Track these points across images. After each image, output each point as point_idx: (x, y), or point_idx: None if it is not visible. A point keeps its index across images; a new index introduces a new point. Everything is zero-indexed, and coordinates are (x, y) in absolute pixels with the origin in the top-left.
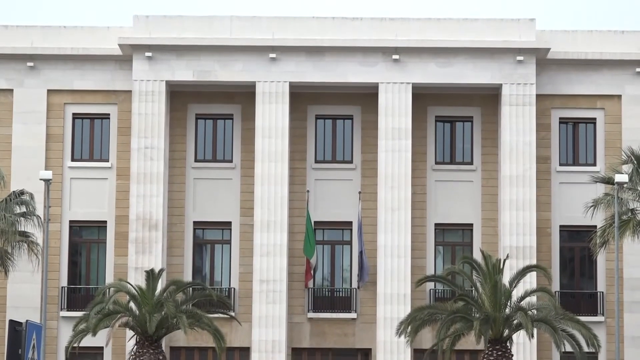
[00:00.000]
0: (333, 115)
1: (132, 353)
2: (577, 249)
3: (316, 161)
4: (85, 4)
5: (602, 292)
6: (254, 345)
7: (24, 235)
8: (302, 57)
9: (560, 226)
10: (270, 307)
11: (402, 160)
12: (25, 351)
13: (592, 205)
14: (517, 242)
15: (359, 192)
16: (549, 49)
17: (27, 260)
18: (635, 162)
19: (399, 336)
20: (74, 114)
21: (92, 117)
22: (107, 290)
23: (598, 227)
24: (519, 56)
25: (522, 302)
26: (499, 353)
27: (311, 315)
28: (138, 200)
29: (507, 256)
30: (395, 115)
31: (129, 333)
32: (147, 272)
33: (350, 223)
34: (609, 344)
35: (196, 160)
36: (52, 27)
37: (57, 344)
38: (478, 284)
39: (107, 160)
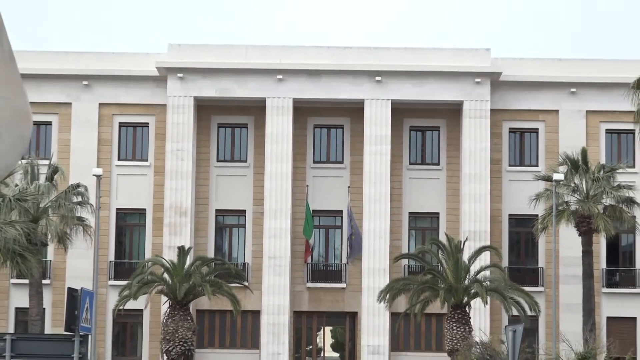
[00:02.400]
0: (328, 124)
1: (166, 315)
2: (523, 233)
3: (314, 162)
4: (129, 34)
5: (542, 268)
6: (263, 308)
7: (80, 219)
8: (303, 78)
9: (509, 215)
10: (277, 278)
11: (382, 161)
12: (80, 312)
13: (534, 198)
14: (474, 227)
15: (348, 187)
16: (500, 73)
17: (82, 239)
18: (569, 164)
19: (380, 302)
20: (120, 122)
21: (134, 125)
22: (146, 264)
23: (539, 215)
24: (476, 79)
25: (478, 275)
26: (460, 316)
27: (309, 285)
28: (171, 192)
29: (466, 239)
30: (377, 125)
31: (163, 298)
32: (178, 249)
33: (341, 211)
34: (547, 309)
35: (217, 161)
36: (103, 53)
37: (105, 307)
38: (443, 261)
39: (147, 160)
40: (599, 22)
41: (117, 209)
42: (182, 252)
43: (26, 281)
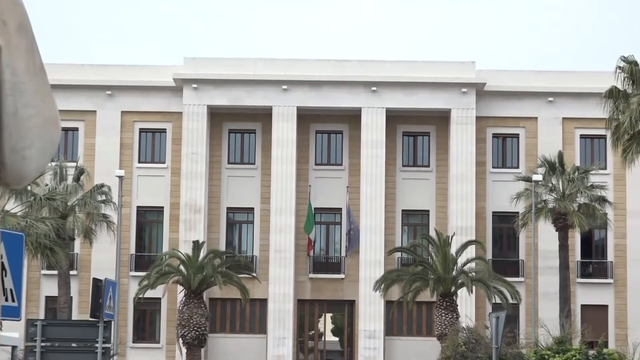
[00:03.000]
0: (328, 130)
1: (181, 303)
2: (505, 229)
3: (315, 164)
4: (148, 47)
5: (523, 260)
6: (270, 297)
7: (104, 216)
8: (306, 88)
9: (493, 212)
10: (282, 269)
11: (378, 163)
12: (104, 301)
13: (515, 197)
14: (461, 223)
15: (347, 187)
16: (484, 84)
17: (105, 234)
18: (547, 166)
19: (375, 291)
20: (140, 128)
21: (153, 131)
22: (164, 256)
23: (520, 213)
24: (463, 89)
25: (464, 267)
26: (448, 304)
27: (312, 275)
28: (186, 191)
29: (454, 234)
30: (373, 131)
31: (179, 288)
32: (192, 243)
33: (340, 209)
34: (527, 297)
35: (228, 163)
36: (124, 65)
37: (127, 295)
38: (432, 254)
39: (164, 163)
40: (574, 36)
41: (138, 206)
42: (196, 246)
43: (55, 272)
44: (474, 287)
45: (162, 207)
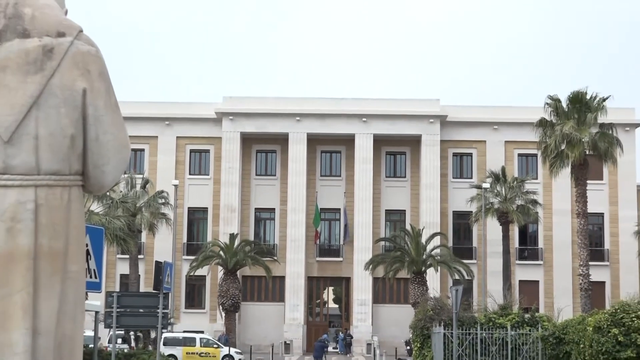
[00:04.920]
0: (330, 150)
1: (221, 279)
2: (462, 224)
3: (320, 175)
4: (195, 88)
5: (475, 247)
6: (286, 274)
7: (163, 215)
8: (314, 119)
9: (453, 211)
10: (296, 254)
11: (367, 175)
12: (163, 277)
13: (470, 200)
14: (429, 219)
15: (344, 192)
16: (447, 116)
17: (165, 228)
18: (493, 177)
19: (365, 270)
20: (190, 149)
21: (200, 151)
22: (208, 244)
23: (473, 212)
24: (430, 120)
25: (431, 252)
26: (419, 280)
27: (318, 258)
28: (224, 196)
29: (424, 227)
30: (363, 151)
31: (219, 268)
32: (230, 235)
33: (339, 209)
34: (478, 275)
35: (256, 175)
36: (179, 102)
37: (181, 273)
38: (408, 242)
39: (208, 175)
40: (514, 78)
41: (188, 207)
42: (232, 236)
43: (127, 256)
44: (439, 267)
45: (207, 208)
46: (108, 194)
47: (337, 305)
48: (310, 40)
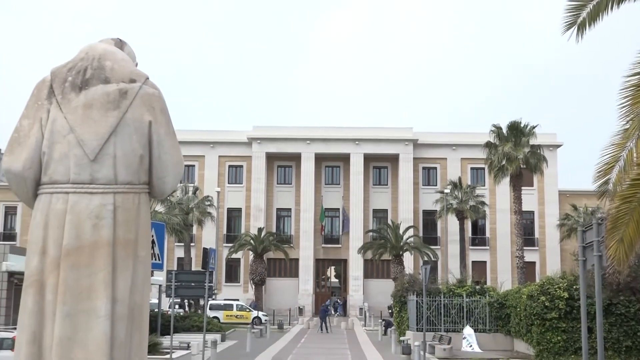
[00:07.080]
0: (332, 165)
1: (251, 260)
2: (430, 219)
3: (325, 184)
4: (232, 118)
5: (440, 236)
6: (300, 257)
7: (209, 213)
8: (320, 143)
9: (423, 210)
10: (307, 242)
11: (360, 184)
12: (209, 260)
13: (435, 202)
14: (405, 216)
15: (342, 197)
16: (418, 139)
17: (210, 223)
18: (452, 185)
19: (358, 254)
20: (229, 165)
21: (236, 166)
22: (242, 235)
23: (438, 210)
24: (406, 143)
25: (407, 240)
26: (398, 261)
27: (323, 245)
28: (254, 200)
29: (401, 222)
30: (356, 165)
31: (250, 253)
32: (258, 229)
33: (338, 209)
34: (442, 257)
35: (277, 184)
36: (220, 130)
37: (222, 256)
38: (389, 233)
39: (242, 183)
40: (468, 107)
41: (227, 208)
42: (260, 229)
43: (182, 244)
44: (412, 252)
45: (241, 208)
46: (168, 198)
47: (337, 280)
48: (317, 82)
